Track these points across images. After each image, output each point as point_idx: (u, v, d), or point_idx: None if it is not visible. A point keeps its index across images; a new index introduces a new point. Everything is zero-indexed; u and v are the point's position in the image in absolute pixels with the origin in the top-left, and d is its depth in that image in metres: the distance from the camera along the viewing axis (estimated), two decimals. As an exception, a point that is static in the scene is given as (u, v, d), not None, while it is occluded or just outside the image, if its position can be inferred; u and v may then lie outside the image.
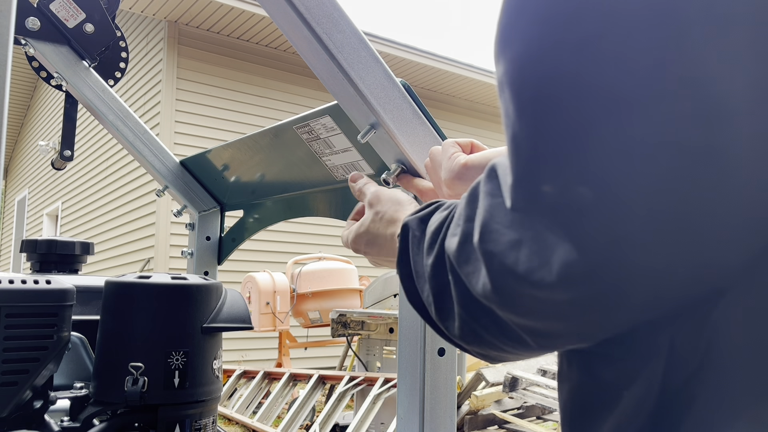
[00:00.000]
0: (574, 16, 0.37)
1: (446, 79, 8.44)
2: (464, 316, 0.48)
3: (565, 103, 0.37)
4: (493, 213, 0.43)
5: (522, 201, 0.40)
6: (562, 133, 0.37)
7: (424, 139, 0.94)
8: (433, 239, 0.54)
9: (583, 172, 0.37)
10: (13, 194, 13.32)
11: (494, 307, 0.43)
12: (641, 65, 0.35)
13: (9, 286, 0.75)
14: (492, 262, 0.42)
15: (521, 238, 0.40)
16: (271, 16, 0.94)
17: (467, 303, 0.47)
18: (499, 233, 0.41)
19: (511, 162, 0.41)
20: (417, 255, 0.57)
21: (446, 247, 0.49)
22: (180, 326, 0.85)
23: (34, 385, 0.78)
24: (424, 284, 0.54)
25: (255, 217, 1.63)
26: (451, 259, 0.47)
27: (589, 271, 0.37)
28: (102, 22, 1.46)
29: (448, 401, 0.96)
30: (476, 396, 4.13)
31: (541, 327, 0.42)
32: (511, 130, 0.41)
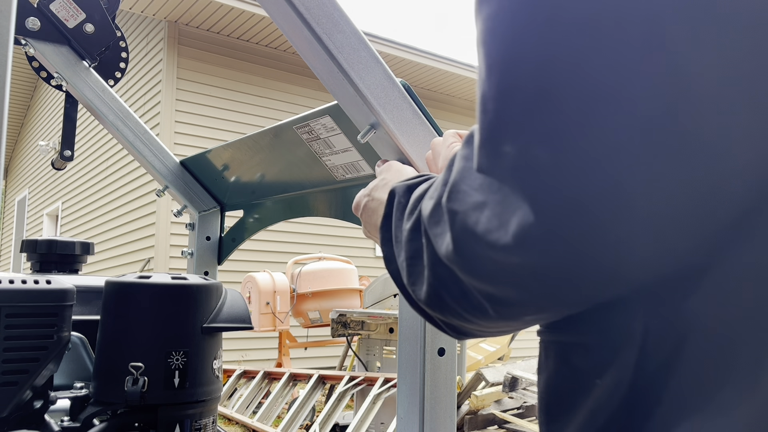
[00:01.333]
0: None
1: (446, 79, 8.43)
2: (431, 279, 0.48)
3: (531, 64, 0.37)
4: (464, 175, 0.43)
5: (485, 161, 0.41)
6: (526, 93, 0.38)
7: (424, 139, 0.94)
8: (414, 206, 0.54)
9: (542, 133, 0.37)
10: (13, 194, 13.32)
11: (456, 270, 0.43)
12: (604, 32, 0.35)
13: (9, 286, 0.75)
14: (455, 221, 0.42)
15: (486, 201, 0.40)
16: (271, 16, 0.94)
17: (435, 265, 0.47)
18: (466, 194, 0.42)
19: (479, 123, 0.41)
20: (399, 220, 0.57)
21: (422, 210, 0.49)
22: (180, 326, 0.85)
23: (35, 385, 0.78)
24: (401, 249, 0.55)
25: (255, 217, 1.63)
26: (424, 222, 0.48)
27: (544, 236, 0.37)
28: (102, 22, 1.46)
29: (448, 401, 0.96)
30: (476, 396, 4.13)
31: (499, 293, 0.42)
32: (480, 89, 0.41)
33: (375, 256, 7.81)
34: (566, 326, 0.46)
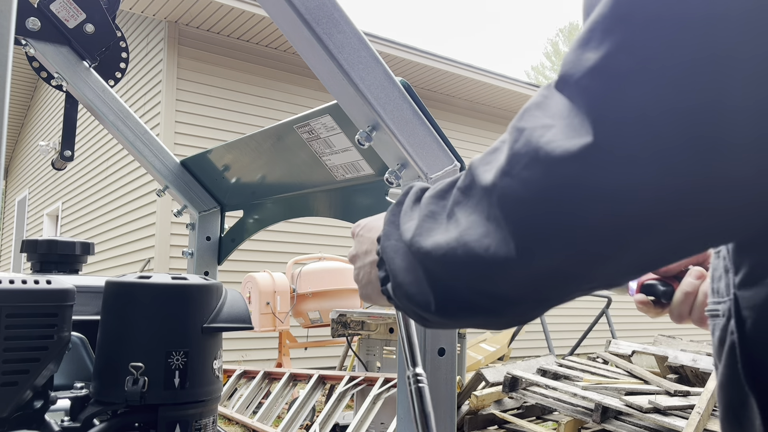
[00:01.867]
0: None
1: (446, 79, 8.43)
2: (452, 228, 0.48)
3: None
4: (539, 105, 0.43)
5: (566, 66, 0.40)
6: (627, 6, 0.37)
7: (424, 139, 0.94)
8: (436, 186, 0.54)
9: (627, 42, 0.37)
10: (13, 194, 13.31)
11: (494, 195, 0.43)
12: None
13: (9, 286, 0.75)
14: (519, 137, 0.42)
15: (554, 124, 0.40)
16: (271, 16, 0.94)
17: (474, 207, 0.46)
18: (537, 117, 0.42)
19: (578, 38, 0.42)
20: (415, 200, 0.57)
21: (470, 165, 0.48)
22: (180, 326, 0.85)
23: (35, 385, 0.78)
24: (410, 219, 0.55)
25: (255, 217, 1.63)
26: (472, 168, 0.47)
27: (603, 160, 0.37)
28: (102, 22, 1.46)
29: (448, 401, 0.96)
30: (476, 396, 4.13)
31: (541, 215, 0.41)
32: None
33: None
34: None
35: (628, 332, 9.25)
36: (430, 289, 0.52)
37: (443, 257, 0.49)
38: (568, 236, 0.41)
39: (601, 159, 0.37)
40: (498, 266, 0.44)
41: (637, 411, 3.42)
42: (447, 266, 0.49)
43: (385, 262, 0.58)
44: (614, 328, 6.74)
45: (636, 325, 9.55)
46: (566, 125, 0.39)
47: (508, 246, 0.43)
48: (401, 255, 0.55)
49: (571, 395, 3.81)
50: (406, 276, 0.54)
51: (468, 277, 0.47)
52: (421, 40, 71.98)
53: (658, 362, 4.76)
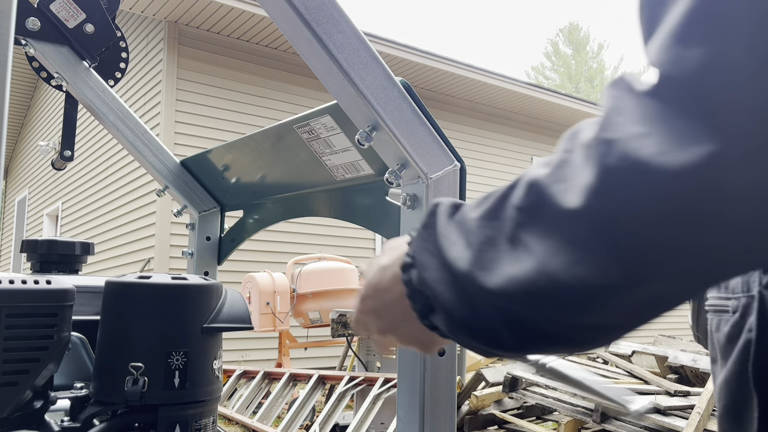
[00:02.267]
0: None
1: (446, 79, 8.43)
2: (523, 255, 0.42)
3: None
4: (618, 110, 0.38)
5: (665, 66, 0.35)
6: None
7: (424, 139, 0.94)
8: (485, 198, 0.48)
9: (741, 31, 0.33)
10: (13, 194, 13.31)
11: (583, 220, 0.38)
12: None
13: (9, 286, 0.75)
14: (609, 150, 0.37)
15: (650, 131, 0.35)
16: (271, 16, 0.94)
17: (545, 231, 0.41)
18: (624, 125, 0.37)
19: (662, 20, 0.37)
20: (449, 220, 0.50)
21: (531, 179, 0.43)
22: (180, 326, 0.85)
23: (35, 385, 0.78)
24: (453, 245, 0.47)
25: (255, 217, 1.63)
26: (539, 185, 0.42)
27: (734, 163, 0.33)
28: (102, 22, 1.46)
29: (448, 401, 0.96)
30: (476, 396, 4.13)
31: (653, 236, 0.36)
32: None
33: (375, 257, 7.80)
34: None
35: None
36: (504, 326, 0.46)
37: (522, 292, 0.43)
38: (697, 253, 0.36)
39: (730, 165, 0.33)
40: (597, 296, 0.39)
41: (637, 411, 3.41)
42: (527, 302, 0.43)
43: (425, 295, 0.51)
44: (614, 328, 6.72)
45: (636, 325, 9.54)
46: (668, 132, 0.35)
47: (611, 272, 0.38)
48: (451, 287, 0.48)
49: (571, 395, 3.81)
50: (463, 310, 0.47)
51: (556, 310, 0.42)
52: (421, 40, 71.96)
53: (658, 362, 4.76)
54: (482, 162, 8.94)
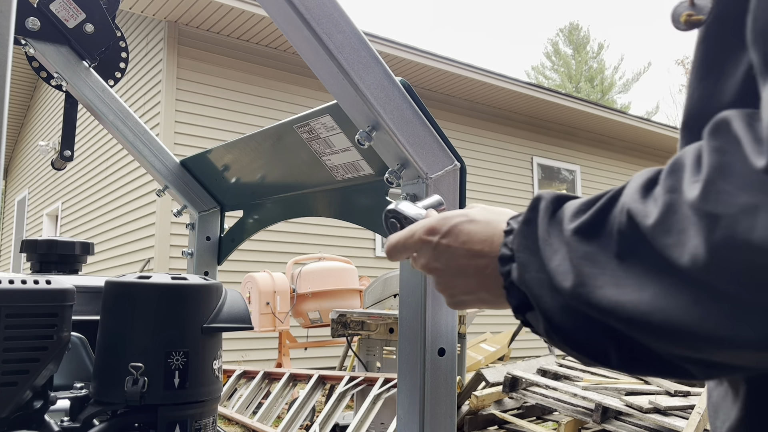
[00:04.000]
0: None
1: (446, 79, 8.43)
2: (627, 282, 0.42)
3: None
4: (723, 171, 0.36)
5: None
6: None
7: (424, 139, 0.94)
8: (584, 207, 0.48)
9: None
10: (13, 194, 13.31)
11: (699, 280, 0.38)
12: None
13: (9, 286, 0.75)
14: (716, 225, 0.36)
15: (759, 204, 0.34)
16: (271, 16, 0.94)
17: (661, 275, 0.40)
18: (731, 194, 0.35)
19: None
20: (550, 225, 0.50)
21: (634, 214, 0.42)
22: (180, 326, 0.85)
23: (34, 386, 0.77)
24: (556, 252, 0.48)
25: (255, 217, 1.63)
26: (642, 229, 0.41)
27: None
28: (102, 22, 1.46)
29: (448, 401, 0.96)
30: (476, 396, 4.13)
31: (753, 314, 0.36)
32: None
33: (375, 257, 7.81)
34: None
35: (628, 332, 9.23)
36: (612, 345, 0.46)
37: (631, 319, 0.42)
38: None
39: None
40: (719, 341, 0.39)
41: (637, 411, 3.42)
42: (637, 328, 0.42)
43: (523, 293, 0.52)
44: (614, 328, 6.73)
45: (636, 325, 9.54)
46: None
47: (743, 323, 0.37)
48: (551, 293, 0.48)
49: (571, 395, 3.81)
50: (566, 320, 0.48)
51: (669, 343, 0.41)
52: (422, 40, 71.97)
53: (658, 362, 4.76)
54: (482, 162, 8.94)
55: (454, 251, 0.61)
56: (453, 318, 0.97)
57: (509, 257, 0.54)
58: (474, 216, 0.62)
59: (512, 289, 0.53)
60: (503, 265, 0.54)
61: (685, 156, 0.41)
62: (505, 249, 0.55)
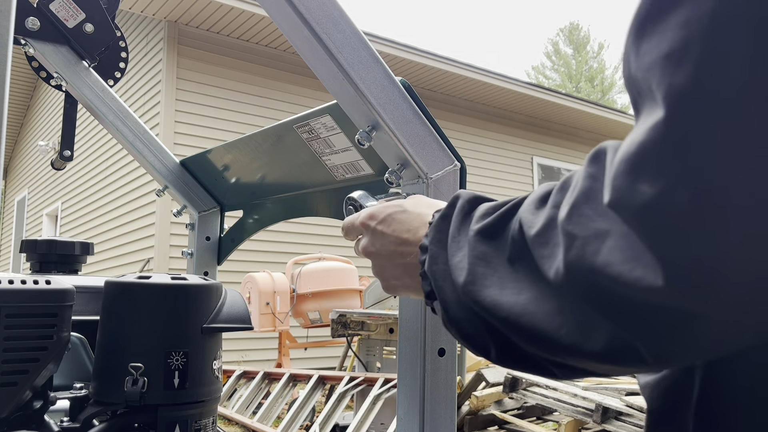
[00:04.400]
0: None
1: (446, 79, 8.43)
2: (509, 285, 0.46)
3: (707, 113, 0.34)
4: (588, 196, 0.40)
5: (616, 194, 0.37)
6: (695, 132, 0.34)
7: (424, 139, 0.94)
8: (491, 210, 0.52)
9: (687, 175, 0.34)
10: (12, 194, 13.31)
11: (561, 295, 0.42)
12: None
13: (9, 286, 0.75)
14: (572, 245, 0.40)
15: (609, 230, 0.37)
16: (271, 16, 0.94)
17: (537, 282, 0.44)
18: (588, 218, 0.39)
19: (625, 144, 0.38)
20: (462, 222, 0.55)
21: (523, 223, 0.46)
22: (180, 326, 0.85)
23: (34, 386, 0.77)
24: (459, 250, 0.53)
25: (254, 217, 1.63)
26: (527, 238, 0.45)
27: (671, 297, 0.35)
28: (102, 22, 1.46)
29: (449, 401, 0.96)
30: (476, 396, 4.13)
31: (617, 329, 0.39)
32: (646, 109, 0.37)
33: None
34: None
35: (628, 332, 9.23)
36: (490, 339, 0.50)
37: (505, 320, 0.46)
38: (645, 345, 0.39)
39: (674, 302, 0.35)
40: (569, 349, 0.42)
41: (637, 411, 3.41)
42: (509, 328, 0.47)
43: (431, 285, 0.56)
44: (614, 328, 6.73)
45: (636, 325, 9.54)
46: (624, 239, 0.36)
47: (587, 336, 0.41)
48: (451, 286, 0.53)
49: (571, 396, 3.81)
50: (459, 312, 0.52)
51: (533, 345, 0.46)
52: (421, 40, 71.97)
53: (658, 362, 4.76)
54: (482, 162, 8.94)
55: (386, 237, 0.68)
56: (453, 318, 0.97)
57: (425, 247, 0.59)
58: (407, 207, 0.69)
59: (425, 278, 0.58)
60: (422, 254, 0.59)
61: (572, 176, 0.44)
62: (425, 239, 0.60)
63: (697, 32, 0.34)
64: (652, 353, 0.38)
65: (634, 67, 0.38)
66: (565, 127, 10.19)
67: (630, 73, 0.39)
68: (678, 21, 0.35)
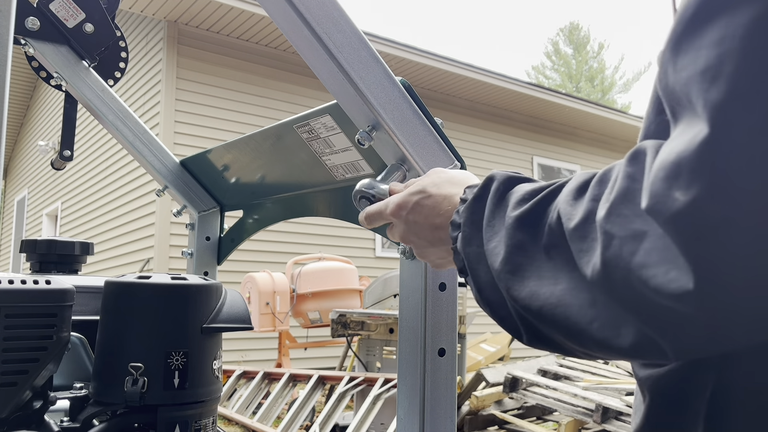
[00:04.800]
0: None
1: (446, 79, 8.43)
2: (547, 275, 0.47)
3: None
4: (627, 196, 0.41)
5: (653, 199, 0.39)
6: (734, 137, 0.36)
7: (424, 139, 0.94)
8: (528, 196, 0.53)
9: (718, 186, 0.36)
10: (12, 194, 13.31)
11: (596, 290, 0.43)
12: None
13: (9, 286, 0.75)
14: (609, 244, 0.41)
15: (647, 231, 0.39)
16: (271, 16, 0.94)
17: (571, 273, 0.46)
18: (627, 219, 0.40)
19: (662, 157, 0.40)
20: (497, 206, 0.56)
21: (561, 214, 0.48)
22: (180, 326, 0.85)
23: (34, 386, 0.77)
24: (495, 234, 0.54)
25: (254, 217, 1.62)
26: (565, 230, 0.47)
27: (701, 299, 0.37)
28: (102, 21, 1.46)
29: (449, 401, 0.96)
30: (476, 396, 4.13)
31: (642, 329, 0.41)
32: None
33: (375, 257, 7.81)
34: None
35: (628, 332, 9.23)
36: (521, 324, 0.52)
37: (539, 311, 0.48)
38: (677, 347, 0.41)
39: (705, 304, 0.37)
40: (600, 343, 0.44)
41: (637, 411, 3.41)
42: (543, 320, 0.48)
43: (465, 263, 0.58)
44: (614, 328, 6.73)
45: (636, 325, 9.53)
46: (660, 241, 0.38)
47: (618, 332, 0.42)
48: (485, 269, 0.55)
49: (571, 396, 3.81)
50: (493, 294, 0.54)
51: (565, 336, 0.47)
52: (422, 40, 71.98)
53: (658, 362, 4.76)
54: (482, 162, 8.94)
55: (420, 226, 0.70)
56: (453, 318, 0.97)
57: (457, 225, 0.61)
58: (430, 191, 0.70)
59: (457, 254, 0.60)
60: (453, 230, 0.62)
61: (612, 170, 0.46)
62: (456, 216, 0.62)
63: (731, 50, 0.36)
64: (674, 350, 0.40)
65: (672, 80, 0.40)
66: (565, 127, 10.19)
67: (668, 84, 0.41)
68: (713, 39, 0.37)
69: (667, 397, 0.52)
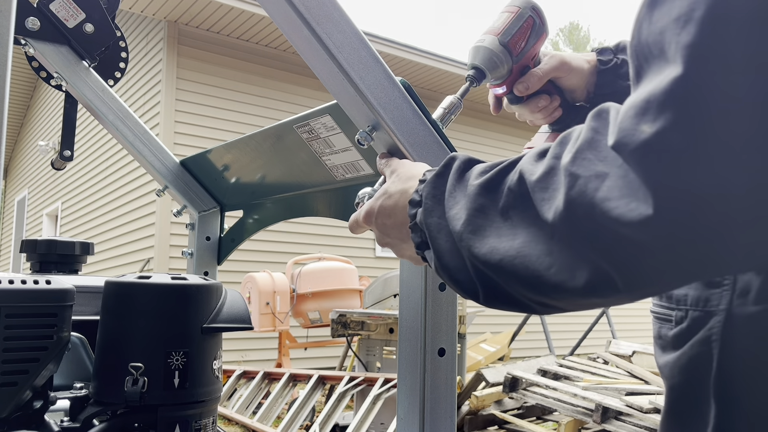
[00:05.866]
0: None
1: (446, 79, 8.44)
2: (506, 232, 0.50)
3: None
4: (591, 144, 0.45)
5: (620, 134, 0.42)
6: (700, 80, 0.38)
7: (424, 139, 0.94)
8: (489, 168, 0.57)
9: (683, 117, 0.38)
10: (13, 194, 13.31)
11: (556, 232, 0.46)
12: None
13: (9, 286, 0.75)
14: (574, 184, 0.44)
15: (610, 172, 0.42)
16: (271, 16, 0.94)
17: (531, 225, 0.49)
18: (591, 161, 0.44)
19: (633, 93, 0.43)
20: (458, 179, 0.59)
21: (524, 173, 0.50)
22: (180, 326, 0.85)
23: (34, 386, 0.77)
24: (457, 203, 0.57)
25: (254, 217, 1.63)
26: (528, 184, 0.49)
27: (658, 227, 0.39)
28: (102, 22, 1.46)
29: (448, 401, 0.96)
30: (476, 396, 4.13)
31: (602, 262, 0.44)
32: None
33: (375, 257, 7.81)
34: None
35: (629, 332, 9.24)
36: (479, 284, 0.55)
37: (499, 263, 0.51)
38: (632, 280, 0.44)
39: (662, 231, 0.40)
40: (556, 287, 0.47)
41: (637, 411, 3.41)
42: (502, 273, 0.51)
43: (424, 233, 0.61)
44: (614, 329, 6.73)
45: (636, 325, 9.55)
46: (622, 179, 0.41)
47: (574, 274, 0.45)
48: (445, 237, 0.57)
49: (571, 395, 3.81)
50: (452, 260, 0.57)
51: (522, 286, 0.50)
52: (422, 39, 71.90)
53: (658, 362, 4.75)
54: (482, 162, 8.93)
55: (389, 227, 0.73)
56: (453, 318, 0.97)
57: (417, 202, 0.63)
58: (390, 190, 0.73)
59: (416, 230, 0.63)
60: (411, 208, 0.64)
61: (572, 132, 0.49)
62: (415, 195, 0.64)
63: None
64: (625, 283, 0.43)
65: (646, 33, 0.43)
66: (565, 127, 10.18)
67: (640, 40, 0.44)
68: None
69: (681, 381, 0.54)
